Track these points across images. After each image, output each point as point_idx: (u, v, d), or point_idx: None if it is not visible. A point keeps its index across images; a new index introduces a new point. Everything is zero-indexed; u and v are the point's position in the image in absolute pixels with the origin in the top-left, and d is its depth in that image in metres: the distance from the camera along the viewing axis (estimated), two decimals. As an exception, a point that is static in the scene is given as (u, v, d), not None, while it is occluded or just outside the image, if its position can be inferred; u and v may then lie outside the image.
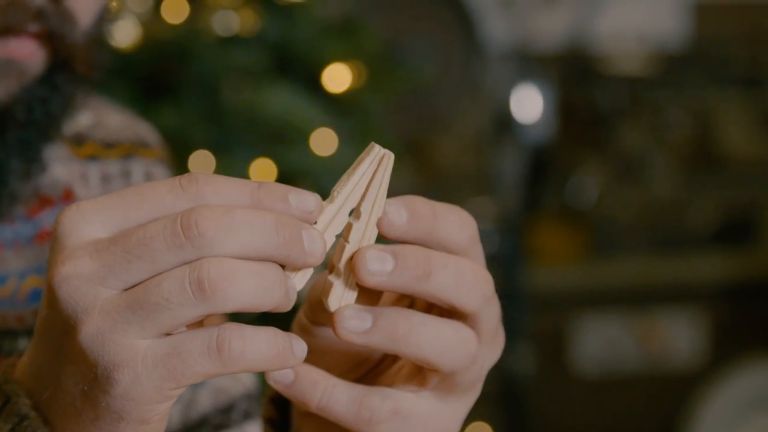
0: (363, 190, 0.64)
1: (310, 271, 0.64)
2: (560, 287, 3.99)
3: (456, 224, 0.67)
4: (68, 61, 0.88)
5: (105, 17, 0.92)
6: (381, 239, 0.67)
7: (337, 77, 2.36)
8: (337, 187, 0.64)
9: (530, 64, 3.93)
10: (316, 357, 0.70)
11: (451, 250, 0.67)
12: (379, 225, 0.65)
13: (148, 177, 1.04)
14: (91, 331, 0.60)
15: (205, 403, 1.03)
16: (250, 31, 2.27)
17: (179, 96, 2.22)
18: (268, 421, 0.79)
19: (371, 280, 0.64)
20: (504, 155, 3.78)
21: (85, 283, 0.61)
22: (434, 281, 0.65)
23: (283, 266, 0.62)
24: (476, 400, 0.72)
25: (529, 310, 3.73)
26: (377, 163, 0.64)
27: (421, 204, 0.67)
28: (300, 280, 0.64)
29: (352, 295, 0.66)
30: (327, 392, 0.68)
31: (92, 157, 1.02)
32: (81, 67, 0.89)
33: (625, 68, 4.21)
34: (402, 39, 3.29)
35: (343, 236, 0.65)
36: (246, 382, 1.07)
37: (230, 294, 0.59)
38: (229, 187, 0.62)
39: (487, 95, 3.83)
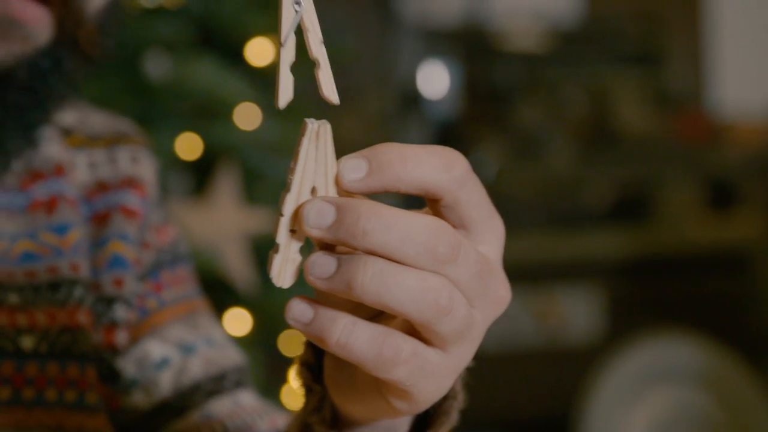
0: (313, 166, 0.64)
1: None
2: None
3: (434, 166, 0.64)
4: (74, 37, 0.89)
5: (116, 5, 0.93)
6: None
7: (260, 51, 2.32)
8: (289, 175, 0.64)
9: (436, 40, 3.92)
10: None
11: (432, 193, 0.65)
12: (336, 183, 0.64)
13: (135, 161, 1.07)
14: None
15: (196, 370, 1.04)
16: (175, 3, 2.22)
17: (100, 67, 2.16)
18: (306, 365, 0.75)
19: (311, 233, 0.63)
20: (409, 131, 3.77)
21: None
22: (372, 240, 0.62)
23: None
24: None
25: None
26: (315, 137, 0.64)
27: (386, 151, 0.64)
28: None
29: (291, 266, 0.65)
30: (347, 329, 0.63)
31: (80, 147, 1.05)
32: (86, 45, 0.90)
33: (521, 45, 4.23)
34: (321, 14, 3.26)
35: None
36: (235, 358, 1.08)
37: None
38: None
39: (394, 70, 3.82)
